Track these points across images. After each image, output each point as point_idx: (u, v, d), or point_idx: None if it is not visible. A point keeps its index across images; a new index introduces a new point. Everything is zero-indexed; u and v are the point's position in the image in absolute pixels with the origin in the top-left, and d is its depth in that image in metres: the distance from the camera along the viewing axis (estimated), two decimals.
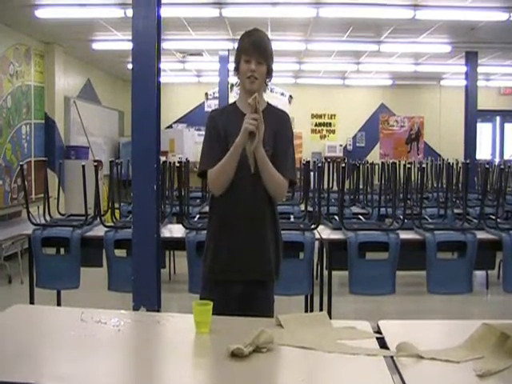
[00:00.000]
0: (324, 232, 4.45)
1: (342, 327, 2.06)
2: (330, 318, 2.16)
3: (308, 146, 13.16)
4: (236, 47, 2.57)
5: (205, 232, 2.76)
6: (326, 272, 4.28)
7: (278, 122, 2.56)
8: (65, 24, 7.61)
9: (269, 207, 2.53)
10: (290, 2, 6.88)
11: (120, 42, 8.60)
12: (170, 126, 12.90)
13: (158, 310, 3.59)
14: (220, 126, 2.51)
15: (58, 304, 4.63)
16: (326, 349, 1.83)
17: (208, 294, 2.42)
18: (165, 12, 3.80)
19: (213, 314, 2.00)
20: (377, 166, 6.79)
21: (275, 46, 2.56)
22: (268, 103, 2.61)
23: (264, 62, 2.46)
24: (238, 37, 2.56)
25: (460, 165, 6.46)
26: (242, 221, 2.49)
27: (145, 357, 1.82)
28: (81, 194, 4.41)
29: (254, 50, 2.44)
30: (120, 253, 4.27)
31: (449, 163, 6.19)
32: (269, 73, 2.51)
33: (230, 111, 2.59)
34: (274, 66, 2.55)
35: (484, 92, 11.26)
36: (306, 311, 4.41)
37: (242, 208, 2.48)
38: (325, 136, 13.48)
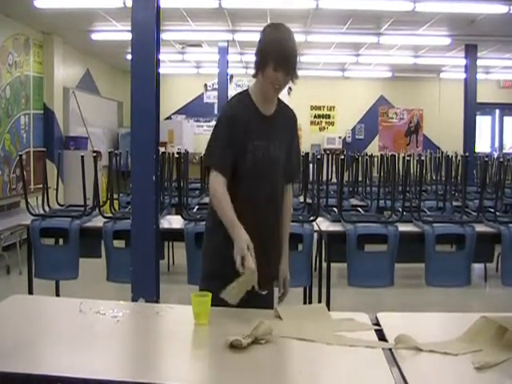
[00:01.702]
0: (323, 224, 4.45)
1: (340, 319, 2.06)
2: (329, 310, 2.17)
3: (307, 137, 13.12)
4: (259, 40, 2.41)
5: (203, 223, 2.75)
6: (324, 264, 4.28)
7: (289, 125, 2.56)
8: (64, 14, 7.57)
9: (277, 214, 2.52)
10: None
11: (119, 33, 8.56)
12: (169, 117, 12.90)
13: (157, 301, 3.59)
14: (241, 125, 2.39)
15: (57, 295, 4.63)
16: (324, 340, 1.84)
17: (207, 285, 2.41)
18: (164, 2, 3.78)
19: (212, 305, 2.00)
20: (376, 159, 6.79)
21: None
22: (278, 100, 2.53)
23: (291, 74, 2.39)
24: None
25: (459, 158, 6.46)
26: (247, 219, 2.41)
27: (143, 348, 1.83)
28: (80, 185, 4.40)
29: (285, 61, 2.35)
30: (119, 244, 4.27)
31: (448, 156, 6.19)
32: (292, 80, 2.46)
33: (249, 108, 2.46)
34: None
35: (483, 85, 11.24)
36: (305, 303, 4.41)
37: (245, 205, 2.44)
38: (324, 128, 13.47)
